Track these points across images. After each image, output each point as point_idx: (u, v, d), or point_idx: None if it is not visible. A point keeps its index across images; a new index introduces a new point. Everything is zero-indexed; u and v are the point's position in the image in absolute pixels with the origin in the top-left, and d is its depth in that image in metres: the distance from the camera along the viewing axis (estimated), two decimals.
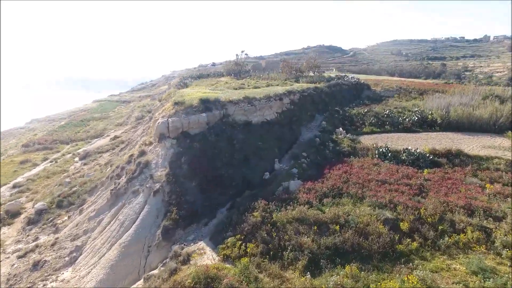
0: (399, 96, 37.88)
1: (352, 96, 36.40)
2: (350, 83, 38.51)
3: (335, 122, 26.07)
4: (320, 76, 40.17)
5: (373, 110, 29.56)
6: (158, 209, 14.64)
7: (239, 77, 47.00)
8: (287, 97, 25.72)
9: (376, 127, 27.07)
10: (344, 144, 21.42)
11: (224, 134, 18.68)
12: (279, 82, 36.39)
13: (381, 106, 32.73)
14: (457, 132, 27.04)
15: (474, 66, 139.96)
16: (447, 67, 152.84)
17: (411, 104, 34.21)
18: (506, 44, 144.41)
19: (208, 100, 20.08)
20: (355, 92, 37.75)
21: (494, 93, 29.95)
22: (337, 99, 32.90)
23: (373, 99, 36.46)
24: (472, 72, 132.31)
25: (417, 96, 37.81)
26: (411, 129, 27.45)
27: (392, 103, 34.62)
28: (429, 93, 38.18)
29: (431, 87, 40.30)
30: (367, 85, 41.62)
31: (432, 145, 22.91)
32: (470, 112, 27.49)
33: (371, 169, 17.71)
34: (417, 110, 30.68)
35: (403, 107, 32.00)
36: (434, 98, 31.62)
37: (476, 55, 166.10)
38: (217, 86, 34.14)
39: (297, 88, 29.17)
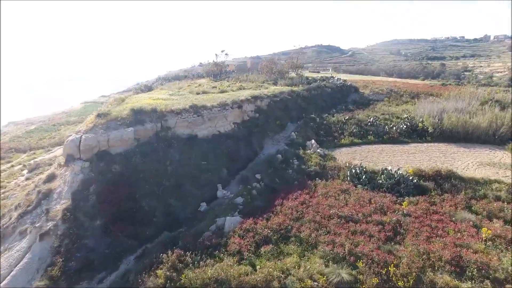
0: (389, 100, 34.11)
1: (336, 100, 32.64)
2: (335, 86, 34.76)
3: (308, 133, 22.33)
4: (301, 78, 36.44)
5: (356, 118, 25.80)
6: (42, 260, 10.93)
7: (218, 79, 43.36)
8: (251, 103, 22.00)
9: (357, 138, 23.32)
10: (312, 161, 17.67)
11: (155, 153, 14.97)
12: (254, 84, 32.68)
13: (367, 111, 28.98)
14: (451, 143, 23.31)
15: (474, 66, 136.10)
16: (446, 67, 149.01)
17: (401, 109, 30.46)
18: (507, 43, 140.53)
19: (141, 111, 16.36)
20: (340, 96, 33.98)
21: (493, 98, 26.21)
22: (317, 104, 29.13)
23: (360, 104, 32.70)
24: (472, 72, 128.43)
25: (409, 100, 34.04)
26: (398, 139, 23.70)
27: (380, 108, 30.85)
28: (422, 96, 34.40)
29: (425, 90, 36.53)
30: (355, 87, 37.86)
31: (420, 160, 19.19)
32: (466, 120, 23.72)
33: (337, 198, 13.95)
34: (406, 117, 26.93)
35: (391, 113, 28.24)
36: (426, 103, 27.86)
37: (476, 55, 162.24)
38: (183, 89, 30.46)
39: (267, 93, 25.43)
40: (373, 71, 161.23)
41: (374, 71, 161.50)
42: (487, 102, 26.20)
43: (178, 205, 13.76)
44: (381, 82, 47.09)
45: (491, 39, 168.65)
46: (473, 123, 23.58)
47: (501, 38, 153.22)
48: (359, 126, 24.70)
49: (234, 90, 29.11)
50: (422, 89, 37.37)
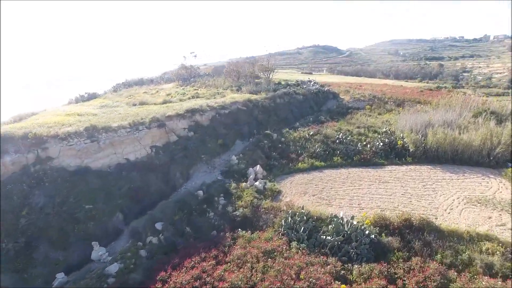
0: (371, 108, 29.72)
1: (308, 110, 28.27)
2: (309, 92, 30.36)
3: (256, 155, 17.92)
4: (269, 83, 32.13)
5: (323, 133, 21.40)
6: None
7: (187, 83, 39.08)
8: (184, 119, 17.64)
9: (320, 160, 18.92)
10: (244, 200, 13.30)
11: (10, 197, 10.63)
12: (213, 91, 28.38)
13: (340, 124, 24.61)
14: (437, 164, 18.98)
15: (473, 67, 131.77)
16: (444, 67, 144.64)
17: (382, 120, 26.10)
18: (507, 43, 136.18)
19: (7, 137, 12.03)
20: (314, 104, 29.59)
21: (489, 109, 21.79)
22: (280, 115, 24.76)
23: (336, 113, 28.34)
24: (470, 73, 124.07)
25: (393, 109, 29.66)
26: (372, 161, 19.32)
27: (358, 119, 26.47)
28: (408, 104, 30.03)
29: (412, 97, 32.10)
30: (334, 93, 33.46)
31: (392, 194, 14.82)
32: (455, 136, 19.31)
33: (253, 267, 9.60)
34: (385, 132, 22.57)
35: (368, 126, 23.82)
36: (410, 113, 23.46)
37: (476, 55, 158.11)
38: (131, 98, 26.20)
39: (214, 104, 21.05)
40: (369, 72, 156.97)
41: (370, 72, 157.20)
42: (481, 113, 21.79)
43: (23, 278, 9.41)
44: (368, 86, 42.72)
45: (491, 39, 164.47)
46: (464, 141, 19.20)
47: (501, 38, 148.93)
48: (325, 144, 20.32)
49: (183, 100, 24.83)
50: (410, 95, 32.97)
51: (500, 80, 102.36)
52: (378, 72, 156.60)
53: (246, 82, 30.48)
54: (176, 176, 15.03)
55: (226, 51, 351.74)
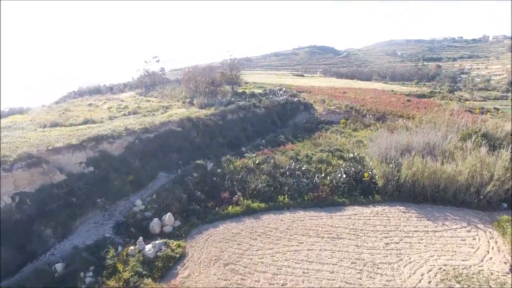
0: (346, 123, 25.58)
1: (269, 127, 24.11)
2: (274, 105, 26.19)
3: (173, 197, 13.73)
4: (228, 94, 28.00)
5: (271, 162, 17.24)
6: None
7: (149, 92, 35.02)
8: (77, 151, 13.48)
9: (260, 200, 14.77)
10: (117, 278, 9.18)
11: None
12: (159, 105, 24.27)
13: (302, 145, 20.52)
14: (411, 205, 14.92)
15: (471, 68, 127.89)
16: (442, 69, 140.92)
17: (355, 140, 21.95)
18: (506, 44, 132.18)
19: None
20: (278, 119, 25.39)
21: (479, 130, 17.59)
22: (228, 136, 20.54)
23: (303, 130, 24.20)
24: (468, 75, 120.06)
25: (372, 123, 25.48)
26: (329, 200, 15.20)
27: (328, 137, 22.34)
28: (389, 118, 25.89)
29: (395, 109, 27.87)
30: (306, 104, 29.26)
31: (340, 260, 10.72)
32: (435, 169, 15.17)
33: None
34: (353, 158, 18.42)
35: (335, 149, 19.66)
36: (383, 135, 19.26)
37: (475, 56, 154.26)
38: (44, 117, 22.09)
39: (135, 127, 16.90)
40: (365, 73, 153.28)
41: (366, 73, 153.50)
42: (471, 135, 17.62)
43: None
44: (352, 93, 38.60)
45: (490, 40, 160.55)
46: (447, 174, 15.05)
47: (500, 38, 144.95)
48: (272, 176, 16.17)
49: (117, 117, 20.76)
50: (393, 107, 28.74)
51: (499, 82, 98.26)
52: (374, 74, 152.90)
53: (201, 93, 26.32)
54: (45, 235, 10.89)
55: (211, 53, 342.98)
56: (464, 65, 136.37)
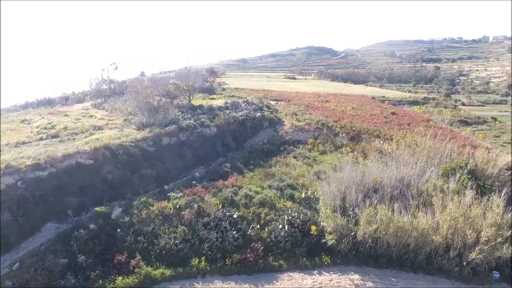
0: (314, 144, 21.66)
1: (219, 150, 20.14)
2: (228, 123, 22.18)
3: (39, 266, 9.87)
4: (186, 107, 23.98)
5: (195, 206, 13.33)
6: None
7: (105, 102, 31.17)
8: None
9: (166, 265, 10.94)
10: None
11: None
12: (91, 124, 20.38)
13: (249, 178, 16.64)
14: (371, 270, 11.14)
15: (470, 70, 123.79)
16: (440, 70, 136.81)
17: (318, 168, 18.02)
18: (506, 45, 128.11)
19: None
20: (232, 140, 21.37)
21: (466, 165, 13.62)
22: (158, 167, 16.57)
23: (259, 154, 20.30)
24: (467, 77, 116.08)
25: (345, 144, 21.51)
26: (259, 264, 11.34)
27: (286, 164, 18.47)
28: (365, 138, 21.92)
29: (373, 127, 23.78)
30: (272, 120, 25.25)
31: None
32: (401, 224, 11.28)
33: None
34: (305, 199, 14.51)
35: (287, 184, 15.76)
36: (347, 165, 15.28)
37: (474, 57, 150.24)
38: None
39: (21, 164, 13.06)
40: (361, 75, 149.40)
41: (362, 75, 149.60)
42: (455, 171, 13.67)
43: None
44: (332, 104, 34.70)
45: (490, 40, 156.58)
46: (419, 231, 11.17)
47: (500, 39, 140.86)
48: (192, 228, 12.30)
49: (30, 142, 16.91)
50: (371, 124, 24.68)
51: (498, 85, 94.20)
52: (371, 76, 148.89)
53: (142, 108, 22.28)
54: None
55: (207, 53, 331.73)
56: (463, 67, 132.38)
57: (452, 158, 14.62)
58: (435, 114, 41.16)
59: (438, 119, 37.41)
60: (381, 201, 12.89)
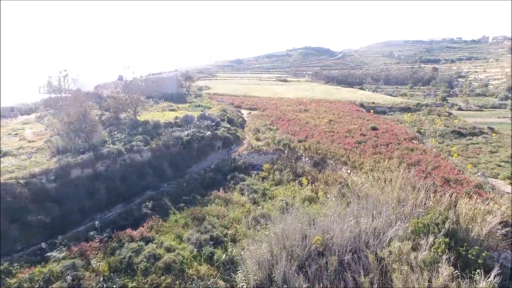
0: (271, 169, 17.91)
1: (150, 181, 16.36)
2: (168, 145, 18.39)
3: None
4: (127, 124, 20.21)
5: (67, 280, 9.60)
6: None
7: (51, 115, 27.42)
8: None
9: None
10: None
11: None
12: None
13: (167, 225, 12.96)
14: None
15: (469, 71, 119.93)
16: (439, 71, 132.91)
17: (260, 211, 14.29)
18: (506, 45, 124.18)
19: None
20: (171, 166, 17.57)
21: (444, 223, 9.85)
22: (53, 210, 12.84)
23: (199, 184, 16.51)
24: (466, 78, 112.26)
25: (307, 171, 17.75)
26: None
27: (223, 204, 14.76)
28: (331, 164, 18.12)
29: (343, 151, 19.84)
30: (227, 139, 21.38)
31: None
32: None
33: None
34: (222, 263, 10.75)
35: (208, 239, 12.04)
36: (288, 216, 11.52)
37: (473, 58, 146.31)
38: None
39: None
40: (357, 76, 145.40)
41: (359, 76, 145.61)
42: (429, 229, 9.92)
43: None
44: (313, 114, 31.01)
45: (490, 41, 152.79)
46: None
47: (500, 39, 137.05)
48: None
49: None
50: (345, 145, 20.75)
51: (497, 87, 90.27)
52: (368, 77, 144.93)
53: (65, 129, 18.40)
54: None
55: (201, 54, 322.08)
56: (462, 68, 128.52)
57: (427, 208, 10.85)
58: (426, 124, 37.54)
59: (428, 130, 33.81)
60: (324, 274, 9.19)
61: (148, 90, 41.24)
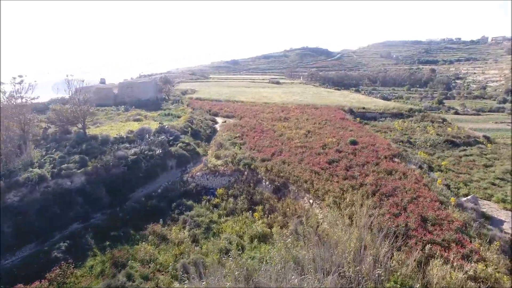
0: (223, 195, 15.37)
1: (82, 210, 13.89)
2: (108, 165, 15.77)
3: None
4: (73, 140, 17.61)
5: None
6: None
7: None
8: None
9: None
10: None
11: None
12: None
13: (76, 278, 10.46)
14: None
15: (467, 73, 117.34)
16: (437, 73, 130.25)
17: (202, 251, 11.79)
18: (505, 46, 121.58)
19: None
20: (110, 191, 14.94)
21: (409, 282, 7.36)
22: None
23: (141, 213, 14.03)
24: (464, 80, 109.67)
25: (266, 198, 15.22)
26: None
27: (154, 242, 12.29)
28: (293, 190, 15.60)
29: (308, 175, 17.26)
30: (182, 157, 18.35)
31: None
32: None
33: None
34: None
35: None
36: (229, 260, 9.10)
37: (472, 58, 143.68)
38: None
39: None
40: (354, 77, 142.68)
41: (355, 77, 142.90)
42: None
43: None
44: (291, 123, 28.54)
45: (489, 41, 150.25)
46: None
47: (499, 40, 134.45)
48: None
49: None
50: (313, 167, 18.19)
51: (496, 89, 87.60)
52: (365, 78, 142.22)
53: None
54: None
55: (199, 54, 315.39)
56: (461, 69, 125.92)
57: (390, 269, 8.31)
58: (417, 132, 35.04)
59: (419, 140, 31.32)
60: None
61: (122, 96, 38.78)
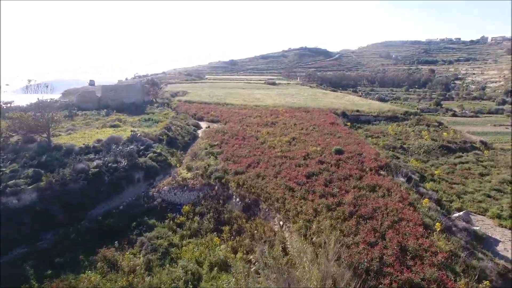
0: (189, 215, 14.02)
1: (30, 231, 12.57)
2: (65, 180, 14.41)
3: None
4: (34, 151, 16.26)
5: None
6: None
7: None
8: None
9: None
10: None
11: None
12: None
13: None
14: None
15: (467, 74, 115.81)
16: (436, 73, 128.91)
17: (154, 281, 10.45)
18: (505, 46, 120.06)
19: None
20: (64, 209, 13.55)
21: None
22: None
23: (95, 237, 12.74)
24: (463, 81, 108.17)
25: (233, 216, 13.91)
26: None
27: (102, 270, 10.97)
28: (264, 209, 14.24)
29: (281, 192, 15.91)
30: (152, 169, 16.78)
31: None
32: None
33: None
34: None
35: None
36: None
37: (472, 59, 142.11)
38: None
39: None
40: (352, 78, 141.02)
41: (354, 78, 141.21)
42: None
43: None
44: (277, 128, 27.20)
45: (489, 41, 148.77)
46: None
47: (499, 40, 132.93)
48: None
49: None
50: (288, 181, 16.86)
51: (495, 90, 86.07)
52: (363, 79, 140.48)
53: None
54: None
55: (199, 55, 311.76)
56: (460, 69, 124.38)
57: None
58: (412, 137, 33.63)
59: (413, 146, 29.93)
60: None
61: (105, 99, 37.41)
